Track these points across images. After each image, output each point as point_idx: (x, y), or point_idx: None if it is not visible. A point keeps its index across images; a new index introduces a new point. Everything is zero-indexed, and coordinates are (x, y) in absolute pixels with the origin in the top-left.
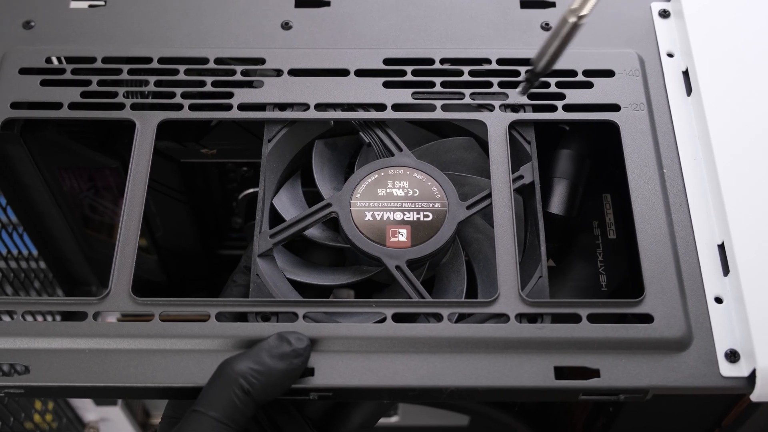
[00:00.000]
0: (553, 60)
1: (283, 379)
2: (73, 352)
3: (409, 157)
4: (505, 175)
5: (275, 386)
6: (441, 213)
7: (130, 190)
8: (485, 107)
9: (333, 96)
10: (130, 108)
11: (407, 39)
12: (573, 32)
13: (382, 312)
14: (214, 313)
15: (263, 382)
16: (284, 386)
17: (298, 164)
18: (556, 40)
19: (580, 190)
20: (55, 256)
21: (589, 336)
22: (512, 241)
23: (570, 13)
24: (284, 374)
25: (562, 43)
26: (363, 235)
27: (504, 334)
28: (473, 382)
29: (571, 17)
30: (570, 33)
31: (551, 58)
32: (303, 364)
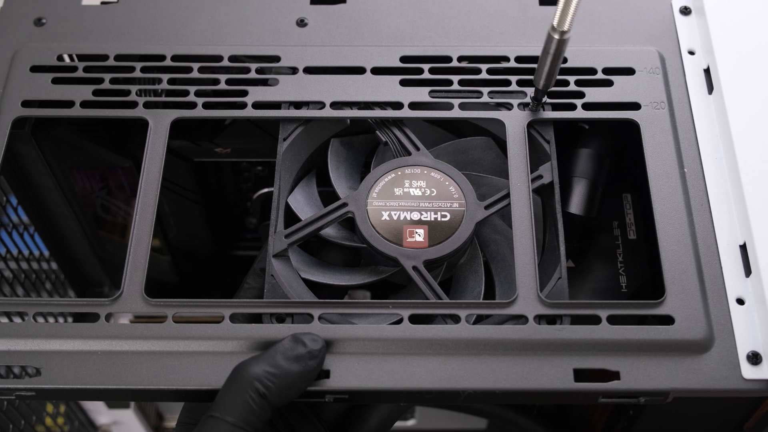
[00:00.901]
0: (551, 76)
1: (299, 382)
2: (85, 354)
3: (426, 156)
4: (523, 174)
5: (291, 389)
6: (459, 213)
7: (143, 190)
8: (503, 106)
9: (349, 94)
10: (143, 106)
11: (424, 36)
12: (561, 47)
13: (399, 313)
14: (228, 314)
15: (279, 385)
16: (300, 389)
17: (313, 163)
18: (548, 58)
19: (599, 189)
20: (66, 257)
21: (609, 338)
22: (531, 242)
23: (553, 31)
24: (300, 376)
25: (553, 59)
26: (380, 235)
27: (522, 336)
28: (491, 384)
29: (555, 34)
30: (558, 48)
31: (548, 74)
32: (318, 366)
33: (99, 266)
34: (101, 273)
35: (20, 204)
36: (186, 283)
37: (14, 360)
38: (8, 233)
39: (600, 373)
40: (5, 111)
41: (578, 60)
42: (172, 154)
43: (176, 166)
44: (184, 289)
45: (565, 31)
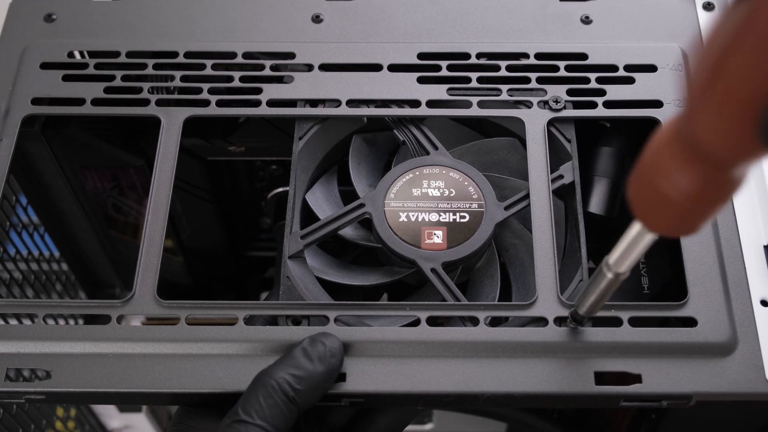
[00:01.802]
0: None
1: (324, 382)
2: (96, 357)
3: (445, 156)
4: (543, 174)
5: (317, 389)
6: (478, 214)
7: (155, 189)
8: (523, 104)
9: (365, 92)
10: (156, 104)
11: (442, 32)
12: (612, 286)
13: (416, 315)
14: (242, 316)
15: (307, 387)
16: (325, 389)
17: (329, 162)
18: (595, 292)
19: (621, 189)
20: (77, 258)
21: (631, 340)
22: (551, 242)
23: (607, 267)
24: (325, 376)
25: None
26: (397, 237)
27: (542, 338)
28: (510, 387)
29: (609, 273)
30: (609, 287)
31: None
32: (340, 364)
33: (110, 267)
34: (112, 274)
35: (30, 204)
36: (199, 285)
37: (24, 363)
38: (18, 233)
39: (621, 376)
40: (15, 109)
41: (599, 57)
42: (185, 153)
43: (189, 165)
44: (197, 291)
45: (621, 273)
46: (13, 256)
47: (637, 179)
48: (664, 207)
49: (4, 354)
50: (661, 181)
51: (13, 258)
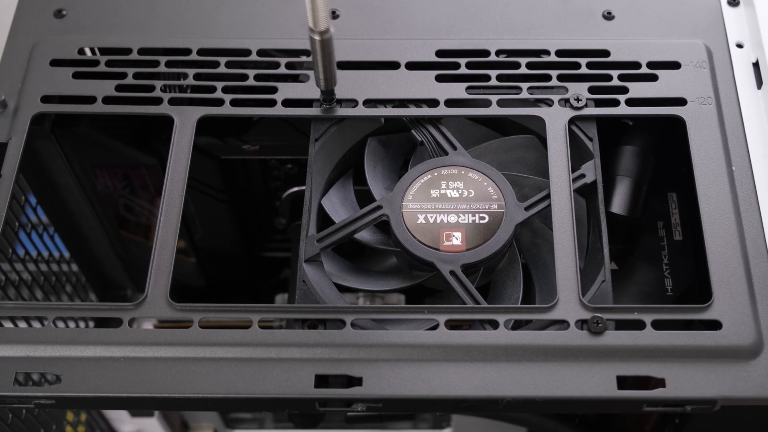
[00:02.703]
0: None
1: None
2: (108, 361)
3: (463, 156)
4: (564, 173)
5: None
6: (498, 215)
7: (168, 189)
8: (544, 102)
9: (383, 91)
10: (168, 103)
11: (461, 29)
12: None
13: (435, 318)
14: (257, 319)
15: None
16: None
17: (347, 164)
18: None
19: (644, 188)
20: (88, 259)
21: (654, 343)
22: (572, 243)
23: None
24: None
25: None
26: (415, 239)
27: (563, 342)
28: (531, 392)
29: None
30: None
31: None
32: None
33: (121, 269)
34: (124, 276)
35: (39, 203)
36: (212, 286)
37: (33, 367)
38: (27, 234)
39: (644, 381)
40: (24, 107)
41: (622, 54)
42: (199, 152)
43: (202, 164)
44: (210, 293)
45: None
46: (22, 257)
47: None
48: None
49: (13, 358)
50: None
51: (22, 259)
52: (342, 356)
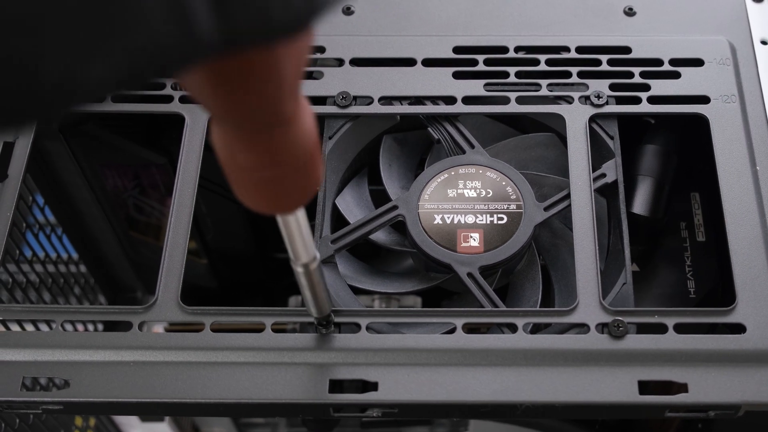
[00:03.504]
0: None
1: None
2: (117, 365)
3: (481, 154)
4: (585, 173)
5: None
6: (516, 215)
7: (179, 189)
8: (563, 99)
9: (399, 88)
10: (179, 101)
11: (479, 25)
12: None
13: (452, 322)
14: (270, 323)
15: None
16: None
17: (361, 163)
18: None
19: (666, 188)
20: (96, 260)
21: (676, 347)
22: (593, 245)
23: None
24: None
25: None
26: (432, 240)
27: (583, 346)
28: (550, 397)
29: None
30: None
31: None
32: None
33: (131, 270)
34: (134, 278)
35: (47, 204)
36: (224, 289)
37: (41, 371)
38: (34, 235)
39: (666, 386)
40: None
41: (644, 50)
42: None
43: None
44: (222, 295)
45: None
46: (29, 259)
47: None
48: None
49: (20, 362)
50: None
51: (29, 260)
52: (357, 360)
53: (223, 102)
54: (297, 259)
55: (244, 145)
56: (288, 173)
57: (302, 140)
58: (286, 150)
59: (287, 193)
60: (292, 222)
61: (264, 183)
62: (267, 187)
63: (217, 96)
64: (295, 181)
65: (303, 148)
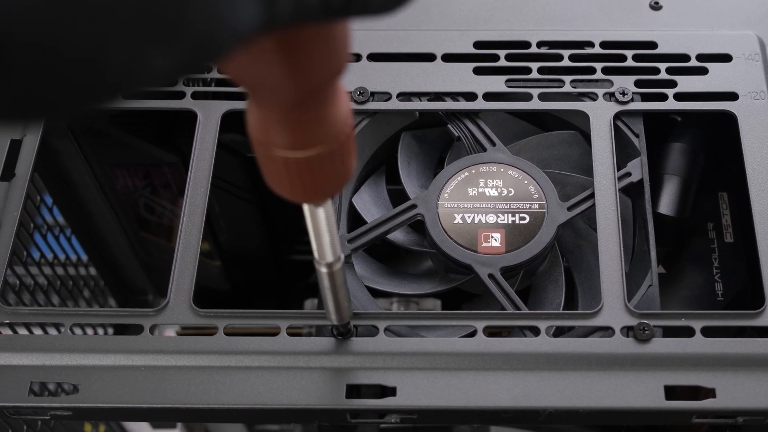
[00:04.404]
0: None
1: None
2: (128, 370)
3: (503, 152)
4: (609, 172)
5: None
6: (539, 215)
7: (191, 189)
8: (587, 96)
9: (417, 84)
10: (191, 97)
11: (500, 19)
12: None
13: (473, 325)
14: (285, 326)
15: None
16: None
17: (379, 160)
18: (328, 295)
19: (693, 188)
20: (106, 262)
21: (704, 351)
22: (617, 245)
23: (318, 264)
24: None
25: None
26: (452, 240)
27: (608, 350)
28: (574, 402)
29: (322, 267)
30: (333, 281)
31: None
32: None
33: (142, 272)
34: (145, 280)
35: (56, 204)
36: (238, 291)
37: (49, 376)
38: (43, 236)
39: (694, 391)
40: None
41: (670, 46)
42: (223, 149)
43: (228, 162)
44: (235, 298)
45: (332, 262)
46: (37, 261)
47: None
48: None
49: (28, 366)
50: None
51: (37, 262)
52: (375, 365)
53: (286, 71)
54: (322, 257)
55: (287, 122)
56: (326, 155)
57: (342, 119)
58: (328, 126)
59: (323, 178)
60: (321, 215)
61: (301, 166)
62: (304, 170)
63: (282, 66)
64: (332, 164)
65: (342, 127)
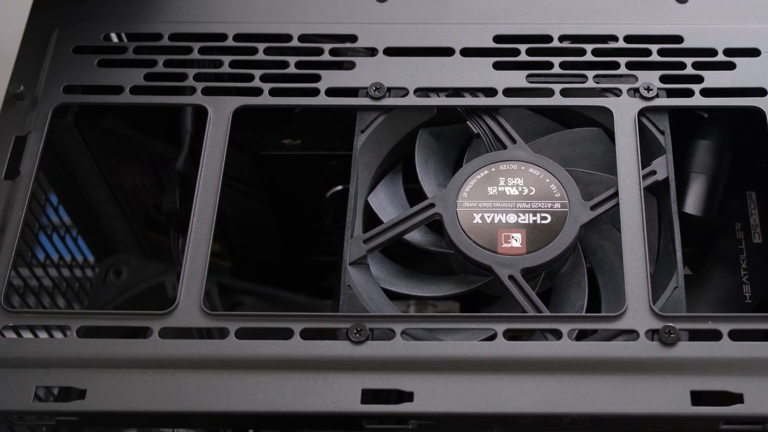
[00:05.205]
0: None
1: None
2: (136, 374)
3: (524, 150)
4: (634, 170)
5: None
6: (561, 214)
7: (202, 188)
8: (611, 92)
9: (435, 79)
10: (202, 93)
11: (521, 12)
12: None
13: (492, 328)
14: (299, 329)
15: None
16: None
17: (396, 158)
18: None
19: (720, 187)
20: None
21: (731, 355)
22: (642, 246)
23: None
24: None
25: None
26: (471, 241)
27: (632, 354)
28: (597, 408)
29: None
30: None
31: None
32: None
33: None
34: None
35: (61, 203)
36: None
37: (55, 380)
38: (48, 236)
39: (721, 396)
40: (45, 98)
41: (696, 40)
42: (235, 147)
43: (239, 161)
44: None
45: None
46: (42, 262)
47: None
48: None
49: (32, 371)
50: None
51: (42, 263)
52: (391, 369)
53: None
54: None
55: None
56: None
57: None
58: None
59: None
60: None
61: None
62: None
63: None
64: None
65: None
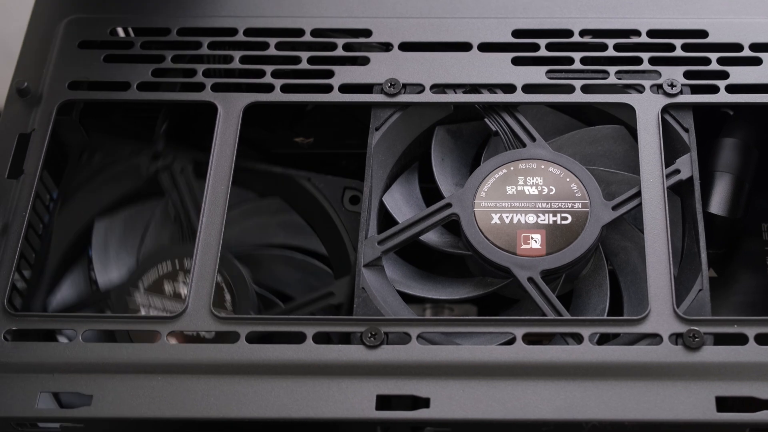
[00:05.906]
0: None
1: None
2: (144, 379)
3: (543, 148)
4: (657, 169)
5: None
6: (582, 215)
7: (211, 186)
8: (633, 88)
9: (452, 75)
10: (211, 89)
11: (540, 6)
12: None
13: (511, 332)
14: (311, 333)
15: None
16: None
17: (411, 156)
18: None
19: (746, 186)
20: None
21: (758, 360)
22: (665, 248)
23: None
24: None
25: None
26: (489, 242)
27: (656, 358)
28: (619, 414)
29: None
30: None
31: None
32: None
33: None
34: None
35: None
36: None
37: (60, 386)
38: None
39: (747, 402)
40: (49, 94)
41: (721, 34)
42: (245, 145)
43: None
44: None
45: None
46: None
47: None
48: None
49: (37, 376)
50: None
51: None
52: (407, 374)
53: None
54: None
55: None
56: None
57: None
58: None
59: None
60: None
61: None
62: None
63: None
64: None
65: None
